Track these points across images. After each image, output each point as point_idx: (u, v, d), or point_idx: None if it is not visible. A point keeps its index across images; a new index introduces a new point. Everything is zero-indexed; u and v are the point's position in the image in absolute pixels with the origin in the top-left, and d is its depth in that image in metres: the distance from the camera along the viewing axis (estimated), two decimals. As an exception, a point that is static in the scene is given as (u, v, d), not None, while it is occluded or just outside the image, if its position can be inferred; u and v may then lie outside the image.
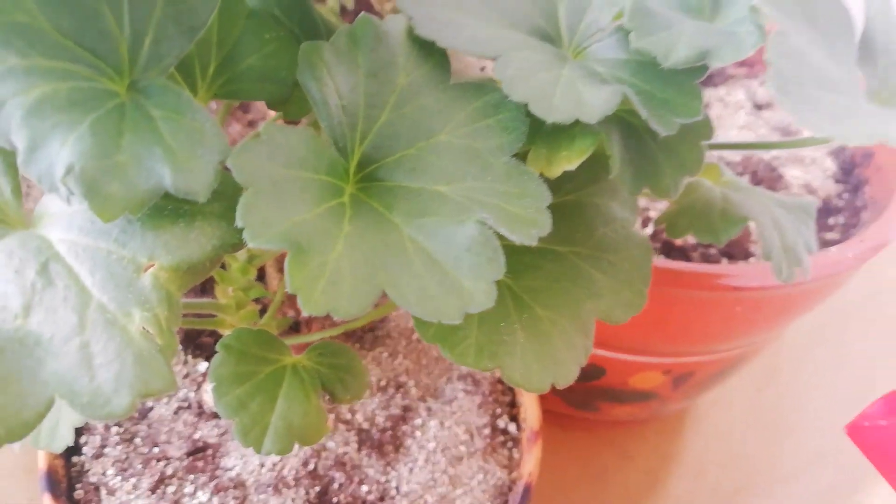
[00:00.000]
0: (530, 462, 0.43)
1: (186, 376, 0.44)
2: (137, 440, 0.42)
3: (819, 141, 0.34)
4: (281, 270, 0.45)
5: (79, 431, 0.43)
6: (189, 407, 0.43)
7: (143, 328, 0.18)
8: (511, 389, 0.48)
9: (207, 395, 0.41)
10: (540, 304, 0.29)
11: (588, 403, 0.57)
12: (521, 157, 0.28)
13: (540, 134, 0.28)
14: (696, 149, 0.29)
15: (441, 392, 0.47)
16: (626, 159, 0.27)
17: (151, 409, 0.43)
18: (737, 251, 0.49)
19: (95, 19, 0.21)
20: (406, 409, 0.45)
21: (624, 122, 0.29)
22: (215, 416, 0.42)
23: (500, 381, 0.48)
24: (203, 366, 0.44)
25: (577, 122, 0.26)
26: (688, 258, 0.48)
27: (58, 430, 0.29)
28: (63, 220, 0.21)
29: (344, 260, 0.21)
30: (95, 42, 0.21)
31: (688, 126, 0.28)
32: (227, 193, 0.22)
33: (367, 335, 0.50)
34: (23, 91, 0.20)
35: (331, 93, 0.25)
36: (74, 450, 0.42)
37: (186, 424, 0.42)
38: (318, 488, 0.40)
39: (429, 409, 0.45)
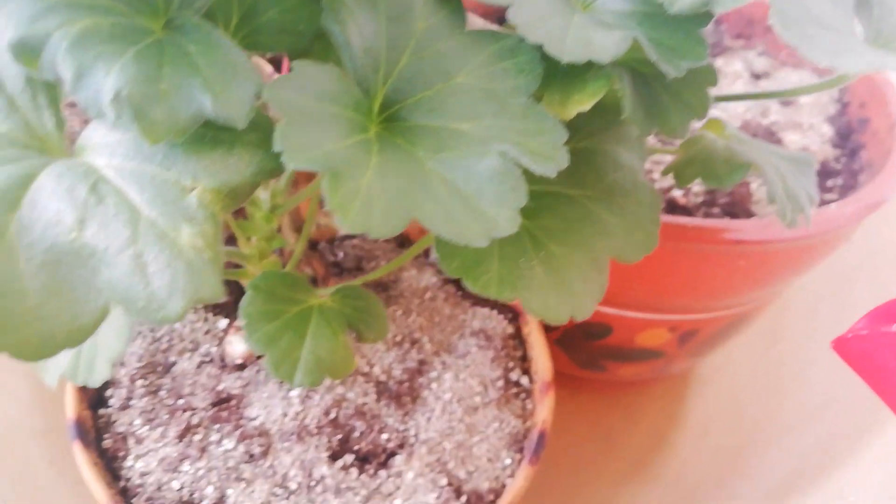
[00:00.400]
0: (543, 411, 0.45)
1: (207, 332, 0.46)
2: (162, 392, 0.43)
3: (819, 87, 0.35)
4: (297, 229, 0.47)
5: (104, 386, 0.44)
6: (211, 361, 0.44)
7: (192, 242, 0.20)
8: (522, 345, 0.50)
9: (231, 347, 0.42)
10: (555, 242, 0.30)
11: (595, 363, 0.58)
12: (537, 101, 0.29)
13: (553, 78, 0.29)
14: (701, 93, 0.31)
15: (454, 347, 0.48)
16: (636, 102, 0.29)
17: (174, 363, 0.44)
18: (739, 210, 0.51)
19: (135, -40, 0.23)
20: (421, 362, 0.46)
21: (633, 69, 0.30)
22: (238, 368, 0.43)
23: (511, 336, 0.50)
24: (223, 323, 0.46)
25: (589, 67, 0.28)
26: (691, 216, 0.49)
27: (95, 365, 0.30)
28: (106, 148, 0.22)
29: (375, 186, 0.23)
30: (135, -18, 0.23)
31: (694, 71, 0.30)
32: (262, 125, 0.23)
33: (381, 294, 0.51)
34: (67, 23, 0.21)
35: (354, 36, 0.26)
36: (100, 403, 0.44)
37: (210, 377, 0.43)
38: (339, 436, 0.42)
39: (443, 363, 0.47)
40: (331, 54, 0.32)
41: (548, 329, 0.49)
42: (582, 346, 0.56)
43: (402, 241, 0.55)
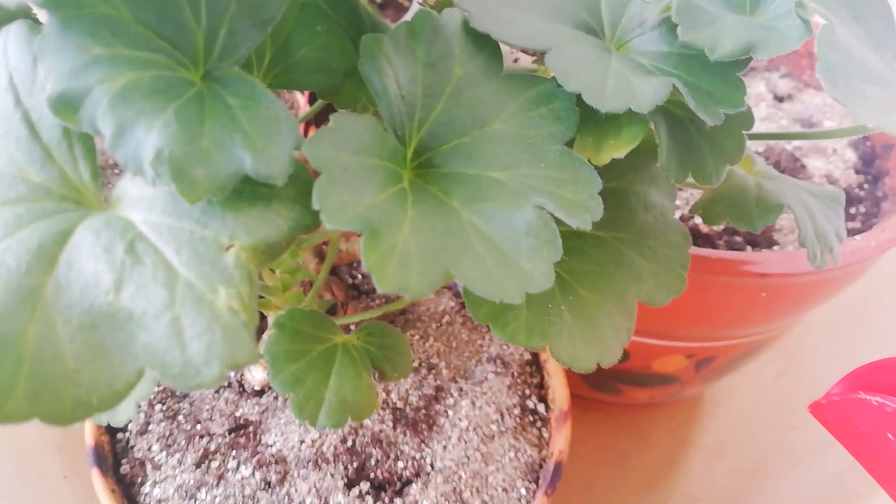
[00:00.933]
0: (560, 440, 0.45)
1: (225, 356, 0.45)
2: (180, 417, 0.43)
3: (847, 132, 0.34)
4: (318, 256, 0.46)
5: (123, 408, 0.44)
6: (229, 386, 0.44)
7: (229, 304, 0.20)
8: (539, 371, 0.49)
9: (249, 374, 0.42)
10: (585, 287, 0.30)
11: (610, 386, 0.58)
12: (567, 145, 0.29)
13: (586, 123, 0.29)
14: (737, 138, 0.30)
15: (471, 373, 0.48)
16: (671, 148, 0.28)
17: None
18: (761, 239, 0.50)
19: (174, 12, 0.22)
20: (438, 389, 0.46)
21: (668, 112, 0.30)
22: (256, 394, 0.43)
23: (528, 363, 0.50)
24: (241, 346, 0.46)
25: (623, 113, 0.27)
26: (714, 246, 0.49)
27: (118, 406, 0.30)
28: (143, 202, 0.22)
29: (410, 242, 0.22)
30: (174, 33, 0.22)
31: (730, 116, 0.29)
32: (299, 178, 0.23)
33: (399, 318, 0.51)
34: (108, 79, 0.21)
35: (391, 83, 0.26)
36: (116, 428, 0.43)
37: (228, 402, 0.43)
38: (356, 464, 0.42)
39: (460, 390, 0.46)
40: (362, 92, 0.32)
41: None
42: (600, 371, 0.55)
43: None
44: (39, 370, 0.18)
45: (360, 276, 0.52)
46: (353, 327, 0.37)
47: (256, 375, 0.41)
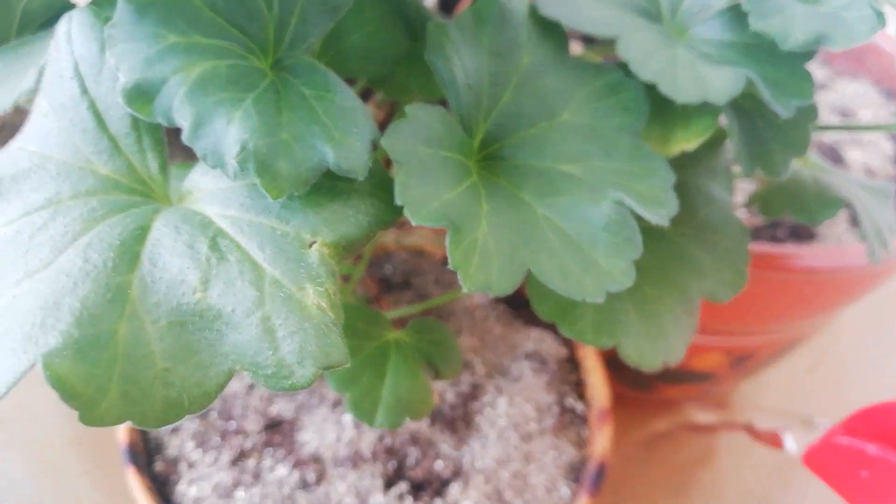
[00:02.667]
0: (602, 440, 0.44)
1: (260, 352, 0.45)
2: (213, 415, 0.43)
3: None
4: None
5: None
6: (265, 383, 0.43)
7: (318, 302, 0.19)
8: (576, 369, 0.49)
9: (288, 371, 0.41)
10: (649, 284, 0.29)
11: (644, 383, 0.58)
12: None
13: (652, 115, 0.28)
14: (803, 130, 0.30)
15: (507, 370, 0.47)
16: (742, 140, 0.28)
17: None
18: (803, 233, 0.50)
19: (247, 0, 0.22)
20: (475, 386, 0.45)
21: (734, 103, 0.29)
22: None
23: (565, 360, 0.49)
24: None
25: (691, 104, 0.26)
26: (756, 240, 0.48)
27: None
28: (219, 196, 0.21)
29: (489, 238, 0.22)
30: (245, 21, 0.22)
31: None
32: (373, 171, 0.22)
33: (432, 314, 0.50)
34: (184, 68, 0.20)
35: (458, 72, 0.25)
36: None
37: (261, 400, 0.42)
38: (394, 463, 0.41)
39: (497, 387, 0.46)
40: (412, 81, 0.31)
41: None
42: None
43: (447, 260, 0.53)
44: (131, 371, 0.17)
45: (389, 269, 0.51)
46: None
47: (296, 373, 0.41)
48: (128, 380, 0.17)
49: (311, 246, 0.20)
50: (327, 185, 0.21)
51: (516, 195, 0.24)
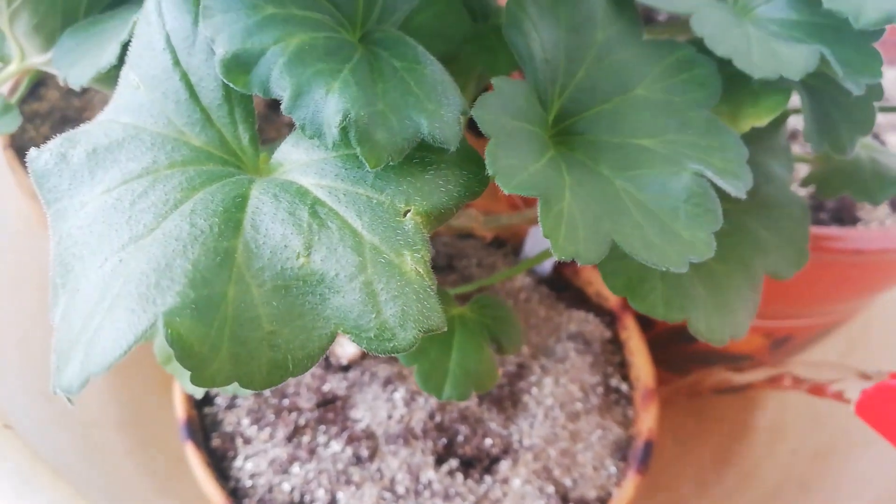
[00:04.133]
0: (648, 419, 0.44)
1: (309, 332, 0.45)
2: (267, 392, 0.43)
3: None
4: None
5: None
6: (315, 361, 0.44)
7: (416, 268, 0.19)
8: (620, 350, 0.49)
9: (340, 349, 0.42)
10: (715, 260, 0.29)
11: (681, 366, 0.58)
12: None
13: (721, 93, 0.28)
14: (868, 109, 0.30)
15: (552, 351, 0.48)
16: (812, 117, 0.28)
17: None
18: (846, 216, 0.50)
19: (338, -29, 0.22)
20: (520, 366, 0.46)
21: (803, 81, 0.29)
22: (342, 369, 0.43)
23: (609, 341, 0.49)
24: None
25: (760, 81, 0.27)
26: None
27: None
28: (312, 167, 0.21)
29: (574, 208, 0.22)
30: (336, -6, 0.22)
31: (863, 85, 0.29)
32: (460, 144, 0.22)
33: (475, 293, 0.50)
34: (283, 39, 0.20)
35: (536, 47, 0.25)
36: (204, 402, 0.43)
37: (314, 377, 0.43)
38: (444, 440, 0.41)
39: (542, 367, 0.46)
40: (479, 60, 0.31)
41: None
42: (672, 349, 0.55)
43: (492, 241, 0.54)
44: (240, 333, 0.18)
45: (433, 252, 0.52)
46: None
47: (347, 350, 0.41)
48: (237, 341, 0.18)
49: (405, 215, 0.20)
50: (418, 157, 0.21)
51: (594, 169, 0.24)
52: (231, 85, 0.20)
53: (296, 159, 0.22)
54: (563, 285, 0.53)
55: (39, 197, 0.22)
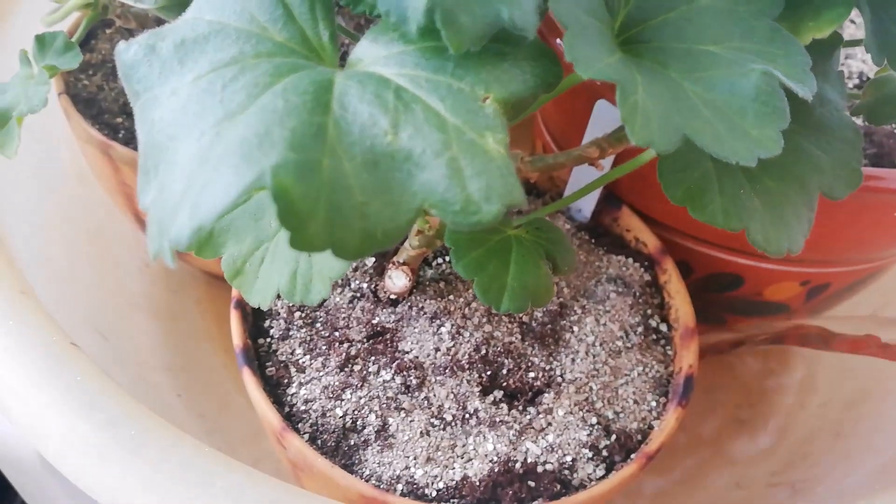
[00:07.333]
0: (689, 356, 0.45)
1: (356, 269, 0.46)
2: (318, 325, 0.44)
3: None
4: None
5: (263, 316, 0.45)
6: (363, 296, 0.45)
7: (498, 149, 0.20)
8: (659, 292, 0.50)
9: (391, 282, 0.43)
10: (769, 177, 0.30)
11: (716, 315, 0.58)
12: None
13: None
14: (926, 26, 0.30)
15: (592, 293, 0.48)
16: (872, 30, 0.28)
17: (326, 298, 0.45)
18: (886, 163, 0.50)
19: None
20: (562, 305, 0.47)
21: (863, -4, 0.29)
22: (391, 303, 0.44)
23: (648, 284, 0.50)
24: (370, 260, 0.46)
25: (821, -6, 0.27)
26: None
27: (312, 285, 0.31)
28: (392, 59, 0.22)
29: (647, 101, 0.23)
30: None
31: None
32: (534, 40, 0.23)
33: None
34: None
35: (602, -46, 0.26)
36: (259, 333, 0.45)
37: (364, 311, 0.44)
38: (489, 372, 0.42)
39: (583, 307, 0.47)
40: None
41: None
42: (708, 298, 0.55)
43: (532, 189, 0.55)
44: (335, 199, 0.18)
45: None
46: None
47: (398, 282, 0.42)
48: (332, 207, 0.18)
49: (485, 101, 0.21)
50: (495, 49, 0.22)
51: (662, 72, 0.25)
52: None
53: (374, 54, 0.23)
54: (602, 232, 0.53)
55: (126, 88, 0.23)
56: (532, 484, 0.40)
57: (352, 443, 0.40)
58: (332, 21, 0.23)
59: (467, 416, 0.41)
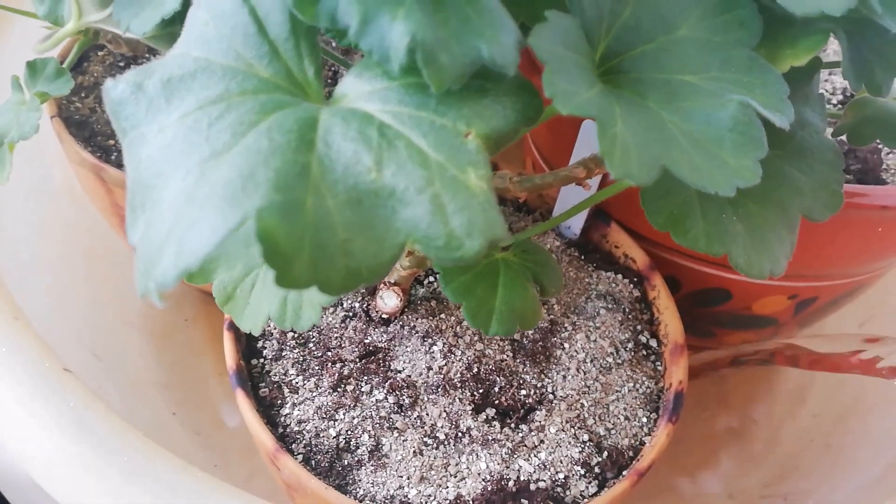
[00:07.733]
0: (678, 372, 0.45)
1: (347, 288, 0.46)
2: (311, 345, 0.45)
3: None
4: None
5: (256, 336, 0.45)
6: (355, 316, 0.45)
7: (479, 185, 0.20)
8: (649, 308, 0.50)
9: (381, 301, 0.43)
10: (752, 200, 0.30)
11: (705, 329, 0.59)
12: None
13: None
14: (902, 51, 0.30)
15: (582, 309, 0.49)
16: (849, 57, 0.29)
17: (316, 323, 0.45)
18: (870, 178, 0.50)
19: None
20: (552, 322, 0.47)
21: (841, 22, 0.30)
22: (383, 323, 0.44)
23: (637, 300, 0.50)
24: (362, 279, 0.46)
25: (799, 22, 0.27)
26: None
27: (303, 311, 0.31)
28: (376, 95, 0.22)
29: (626, 133, 0.23)
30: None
31: None
32: (514, 74, 0.23)
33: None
34: (348, -29, 0.21)
35: (582, -13, 0.26)
36: (252, 354, 0.45)
37: (356, 331, 0.44)
38: (481, 390, 0.43)
39: (573, 324, 0.47)
40: (517, 10, 0.32)
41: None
42: (696, 313, 0.56)
43: (522, 206, 0.55)
44: (318, 238, 0.19)
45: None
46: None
47: (389, 302, 0.43)
48: (316, 246, 0.19)
49: (466, 137, 0.21)
50: (477, 85, 0.22)
51: (641, 103, 0.25)
52: (299, 15, 0.22)
53: (359, 90, 0.23)
54: (591, 248, 0.54)
55: (114, 125, 0.23)
56: (525, 502, 0.40)
57: (345, 463, 0.41)
58: (317, 57, 0.24)
59: (460, 434, 0.42)
